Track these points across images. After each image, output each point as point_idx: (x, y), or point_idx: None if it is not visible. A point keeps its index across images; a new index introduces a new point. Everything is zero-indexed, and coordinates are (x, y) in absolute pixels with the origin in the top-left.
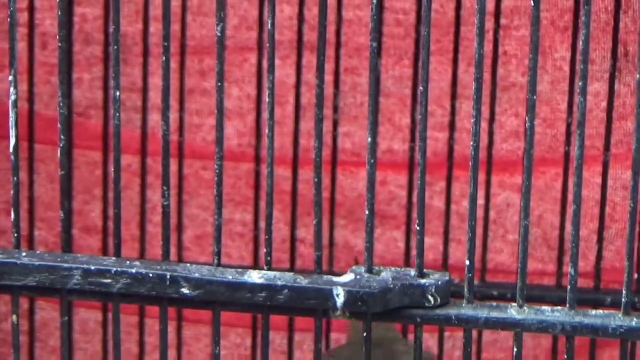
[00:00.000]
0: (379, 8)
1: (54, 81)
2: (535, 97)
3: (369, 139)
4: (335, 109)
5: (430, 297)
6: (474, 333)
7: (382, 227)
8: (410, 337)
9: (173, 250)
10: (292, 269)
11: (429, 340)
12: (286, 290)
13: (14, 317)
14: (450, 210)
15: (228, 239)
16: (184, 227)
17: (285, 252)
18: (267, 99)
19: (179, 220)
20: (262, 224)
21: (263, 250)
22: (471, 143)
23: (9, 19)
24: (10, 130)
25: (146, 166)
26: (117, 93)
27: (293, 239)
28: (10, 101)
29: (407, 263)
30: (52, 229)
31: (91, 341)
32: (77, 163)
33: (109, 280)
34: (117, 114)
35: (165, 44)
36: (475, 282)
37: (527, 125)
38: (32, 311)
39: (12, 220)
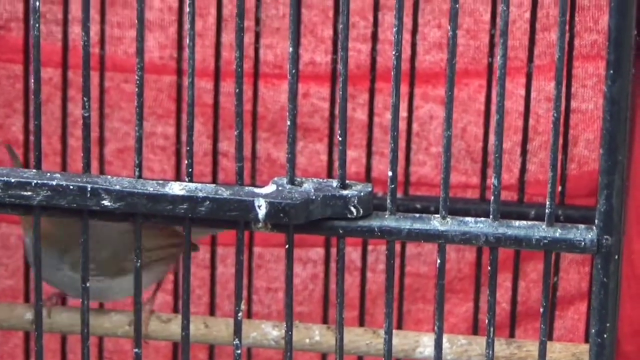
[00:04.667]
0: None
1: None
2: (457, 6)
3: (290, 50)
4: (258, 21)
5: (352, 208)
6: (398, 246)
7: (305, 140)
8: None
9: (95, 165)
10: (214, 182)
11: (352, 254)
12: (207, 202)
13: None
14: (373, 122)
15: (150, 153)
16: (106, 141)
17: (208, 166)
18: (187, 10)
19: (100, 134)
20: (185, 137)
21: (185, 163)
22: (393, 53)
23: None
24: None
25: (67, 79)
26: (37, 4)
27: (215, 152)
28: None
29: (329, 176)
30: None
31: (13, 257)
32: None
33: (29, 193)
34: (37, 25)
35: None
36: (399, 195)
37: (449, 34)
38: None
39: None
